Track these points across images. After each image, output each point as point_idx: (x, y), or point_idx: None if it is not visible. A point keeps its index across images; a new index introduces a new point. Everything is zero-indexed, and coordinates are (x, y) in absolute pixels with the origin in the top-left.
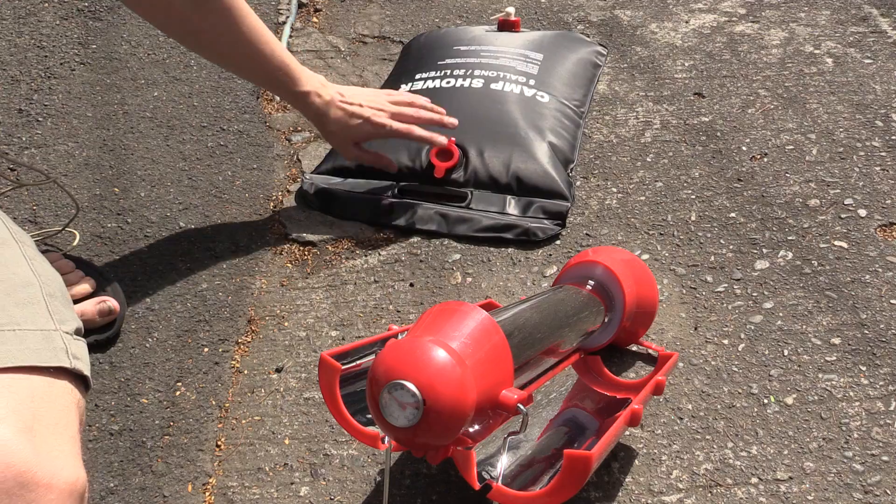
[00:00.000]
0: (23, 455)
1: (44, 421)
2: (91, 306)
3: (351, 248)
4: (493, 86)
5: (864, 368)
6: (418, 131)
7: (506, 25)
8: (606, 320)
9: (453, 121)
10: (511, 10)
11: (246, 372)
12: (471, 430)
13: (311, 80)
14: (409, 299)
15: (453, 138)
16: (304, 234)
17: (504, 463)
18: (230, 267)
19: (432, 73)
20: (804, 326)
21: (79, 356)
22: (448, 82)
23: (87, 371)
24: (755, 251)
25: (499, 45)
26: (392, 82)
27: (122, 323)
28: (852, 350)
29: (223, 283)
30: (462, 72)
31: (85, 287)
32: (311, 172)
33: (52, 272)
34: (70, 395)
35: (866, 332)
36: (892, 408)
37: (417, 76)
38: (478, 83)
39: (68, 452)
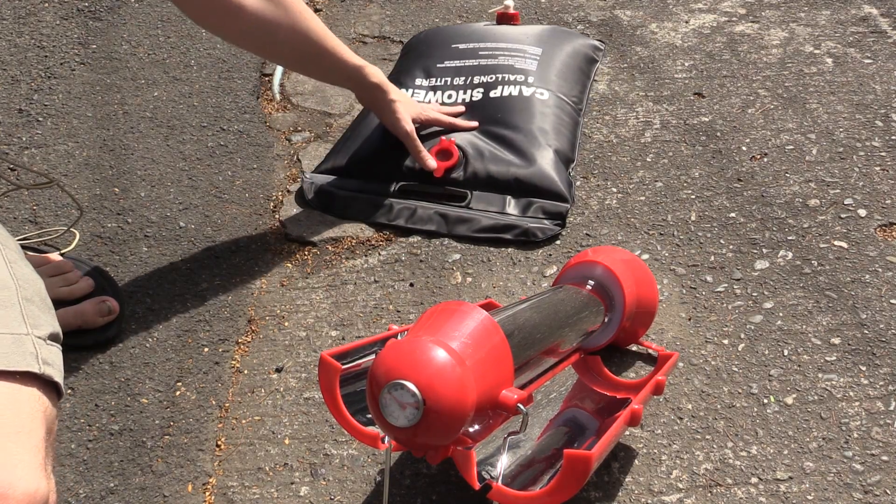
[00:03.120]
0: None
1: (5, 428)
2: (91, 306)
3: (351, 248)
4: (492, 93)
5: (864, 368)
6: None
7: (504, 18)
8: (606, 320)
9: (472, 124)
10: (510, 2)
11: (246, 372)
12: (471, 430)
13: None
14: (409, 299)
15: (453, 138)
16: (304, 234)
17: (504, 463)
18: (230, 267)
19: (433, 81)
20: (804, 326)
21: (50, 362)
22: (449, 95)
23: (58, 378)
24: (755, 251)
25: (498, 40)
26: (392, 83)
27: (122, 323)
28: (852, 350)
29: (223, 283)
30: (462, 81)
31: (84, 287)
32: (311, 172)
33: (34, 277)
34: (37, 403)
35: (866, 332)
36: (892, 408)
37: (418, 82)
38: (477, 94)
39: (29, 462)
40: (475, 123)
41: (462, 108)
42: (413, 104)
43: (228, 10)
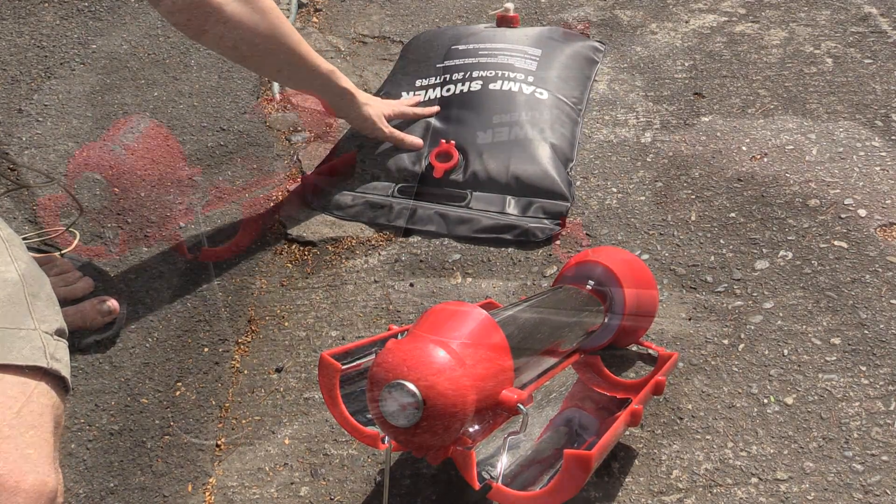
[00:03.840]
0: None
1: (14, 422)
2: (91, 306)
3: (351, 248)
4: (491, 86)
5: (864, 368)
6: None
7: (504, 21)
8: (606, 320)
9: (433, 109)
10: (510, 5)
11: (246, 372)
12: (471, 430)
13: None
14: (409, 299)
15: (453, 141)
16: (304, 234)
17: (504, 463)
18: (230, 267)
19: (432, 80)
20: (804, 326)
21: (58, 357)
22: (448, 90)
23: (65, 373)
24: (755, 251)
25: (497, 41)
26: (391, 83)
27: (122, 323)
28: (852, 350)
29: (223, 283)
30: (461, 75)
31: (84, 287)
32: (311, 172)
33: (39, 273)
34: (45, 397)
35: (866, 332)
36: (892, 408)
37: (418, 83)
38: (476, 85)
39: (38, 455)
40: (436, 108)
41: (436, 109)
42: (381, 105)
43: (208, 15)
